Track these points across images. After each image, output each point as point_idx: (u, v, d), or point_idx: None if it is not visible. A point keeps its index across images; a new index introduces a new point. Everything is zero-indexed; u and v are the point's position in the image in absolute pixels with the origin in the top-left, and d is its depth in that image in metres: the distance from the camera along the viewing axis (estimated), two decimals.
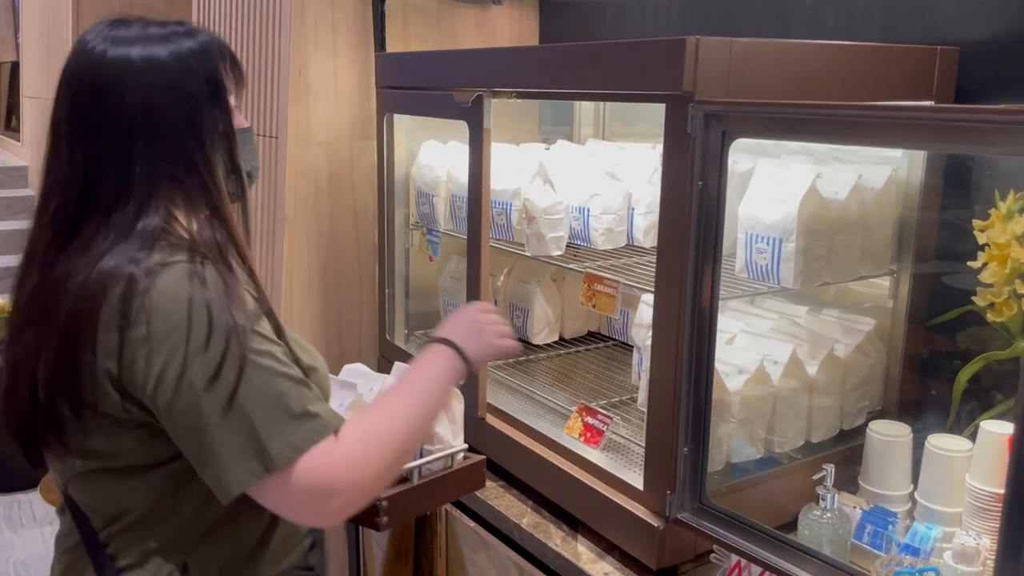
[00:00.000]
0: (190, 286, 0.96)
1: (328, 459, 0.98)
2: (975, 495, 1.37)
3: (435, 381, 1.16)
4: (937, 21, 1.59)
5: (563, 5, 2.49)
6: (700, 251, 1.24)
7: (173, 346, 0.94)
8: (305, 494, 0.97)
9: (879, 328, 1.65)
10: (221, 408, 0.94)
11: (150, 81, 1.00)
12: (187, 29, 1.05)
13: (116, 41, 1.01)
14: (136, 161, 0.99)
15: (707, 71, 1.22)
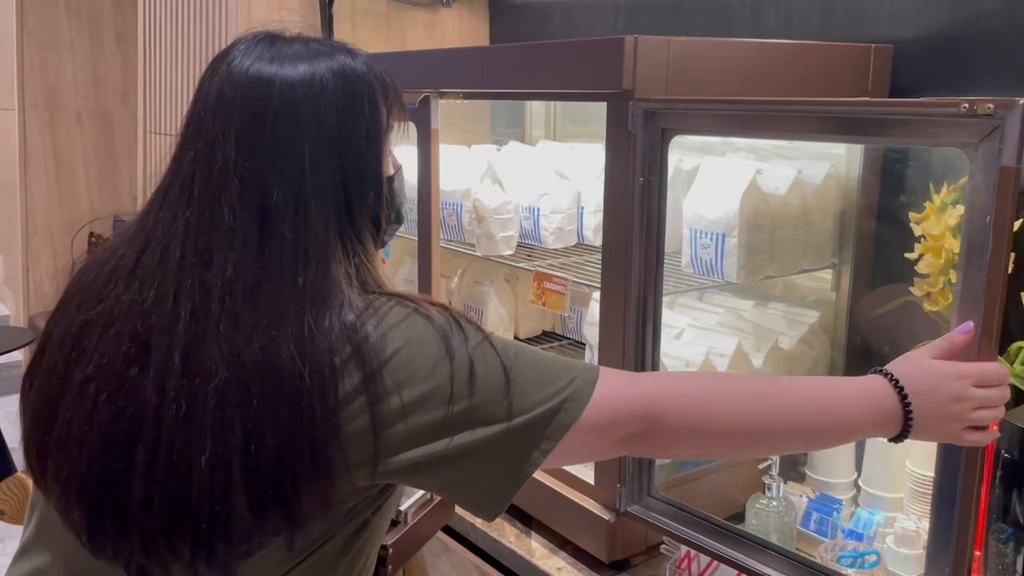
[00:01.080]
0: (428, 323, 0.83)
1: (620, 386, 0.87)
2: (915, 479, 1.41)
3: (850, 413, 0.93)
4: (872, 20, 1.64)
5: (512, 7, 2.51)
6: (643, 247, 1.26)
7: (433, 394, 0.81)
8: (612, 431, 0.86)
9: (823, 320, 1.69)
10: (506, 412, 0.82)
11: (322, 110, 0.84)
12: (352, 49, 0.92)
13: (274, 59, 0.86)
14: (312, 210, 0.82)
15: (646, 69, 1.24)
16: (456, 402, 0.81)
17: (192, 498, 0.78)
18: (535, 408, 0.83)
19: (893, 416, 0.93)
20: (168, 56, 2.51)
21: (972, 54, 1.50)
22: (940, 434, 0.97)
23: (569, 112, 2.24)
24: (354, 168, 0.84)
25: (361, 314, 0.81)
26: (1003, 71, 1.47)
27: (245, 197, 0.81)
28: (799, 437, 0.94)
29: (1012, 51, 1.45)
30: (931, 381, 0.95)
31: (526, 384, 0.83)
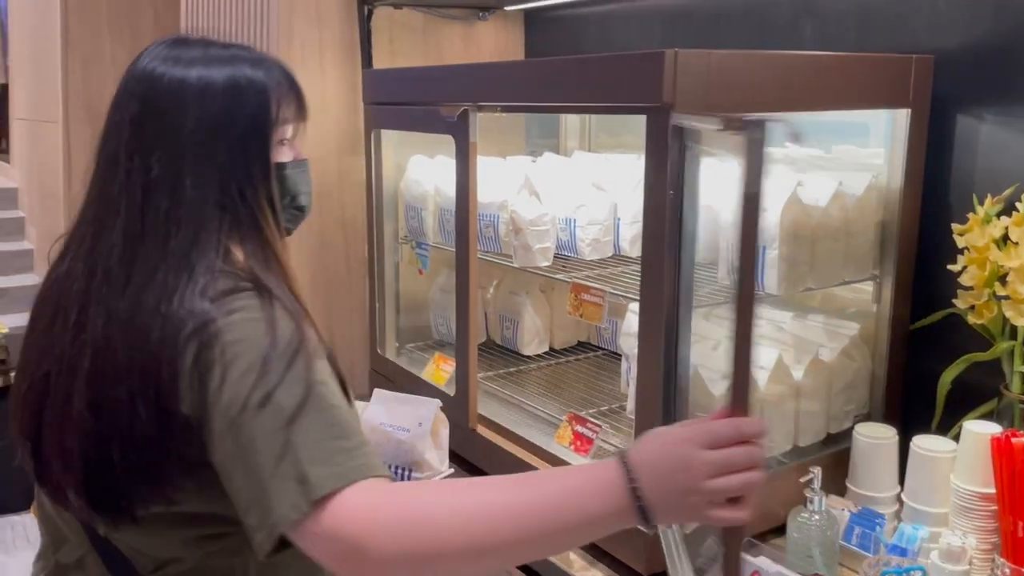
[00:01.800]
0: (262, 316, 0.90)
1: (368, 505, 0.82)
2: (960, 495, 1.39)
3: (572, 508, 0.83)
4: (910, 30, 1.62)
5: (548, 19, 2.52)
6: (674, 258, 1.26)
7: (242, 376, 0.87)
8: (329, 538, 0.82)
9: (864, 332, 1.67)
10: (274, 432, 0.85)
11: (207, 103, 0.96)
12: (253, 55, 1.02)
13: (177, 61, 0.98)
14: (187, 185, 0.94)
15: (686, 83, 1.24)
16: (246, 410, 0.86)
17: (78, 447, 0.90)
18: (311, 464, 0.83)
19: (627, 502, 0.82)
20: None
21: (1016, 63, 1.49)
22: (685, 514, 0.85)
23: (604, 123, 2.25)
24: (236, 153, 0.96)
25: (219, 296, 0.90)
26: None
27: (132, 172, 0.95)
28: (524, 547, 0.84)
29: None
30: (659, 451, 0.83)
31: (306, 443, 0.84)
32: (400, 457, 1.34)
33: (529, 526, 0.82)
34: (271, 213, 0.98)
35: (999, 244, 1.46)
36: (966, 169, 1.58)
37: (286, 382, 0.86)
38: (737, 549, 0.87)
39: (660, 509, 0.82)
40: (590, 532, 0.86)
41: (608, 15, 2.30)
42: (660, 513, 0.83)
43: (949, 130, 1.59)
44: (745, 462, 0.82)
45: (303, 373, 0.88)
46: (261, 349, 0.88)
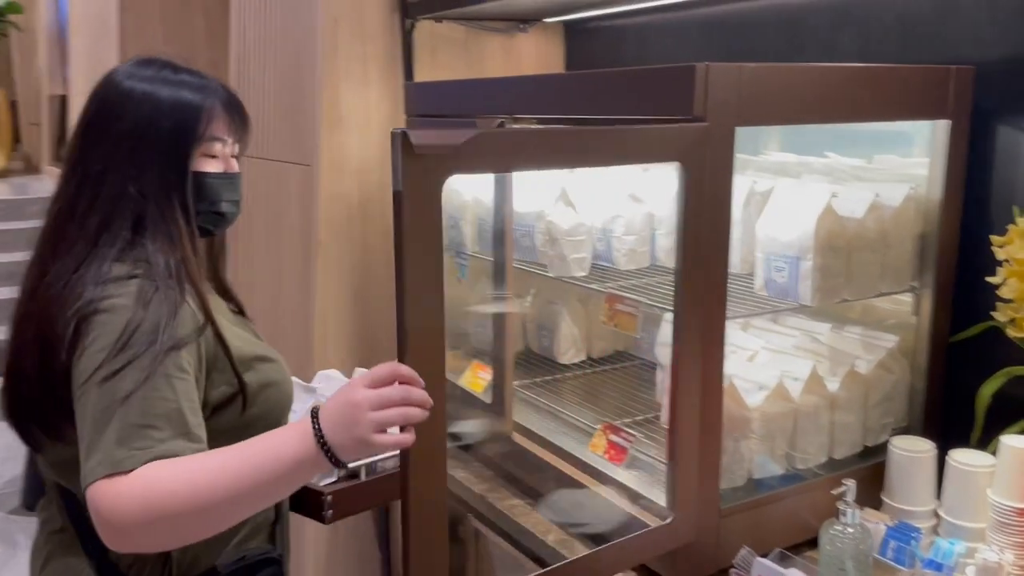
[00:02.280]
0: (135, 305, 1.08)
1: (111, 490, 0.98)
2: (998, 510, 1.37)
3: (271, 460, 1.01)
4: (952, 42, 1.61)
5: (587, 31, 2.54)
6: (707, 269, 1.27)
7: (97, 352, 1.06)
8: (93, 509, 1.00)
9: (903, 344, 1.66)
10: (104, 408, 1.02)
11: (142, 114, 1.16)
12: (198, 82, 1.21)
13: (133, 76, 1.19)
14: (109, 181, 1.15)
15: (718, 96, 1.26)
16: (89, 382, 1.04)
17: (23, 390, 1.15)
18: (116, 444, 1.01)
19: (314, 444, 1.01)
20: (257, 84, 2.63)
21: None
22: (357, 444, 1.00)
23: None
24: (155, 160, 1.16)
25: (107, 281, 1.10)
26: None
27: (75, 165, 1.18)
28: (242, 498, 1.01)
29: None
30: (335, 398, 1.03)
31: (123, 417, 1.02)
32: None
33: (241, 480, 1.00)
34: (182, 214, 1.17)
35: None
36: (1007, 180, 1.56)
37: (131, 367, 1.04)
38: (406, 469, 1.08)
39: (339, 445, 1.01)
40: (293, 478, 1.04)
41: (646, 26, 2.32)
42: (340, 448, 1.01)
43: (991, 141, 1.57)
44: (401, 398, 1.01)
45: (148, 363, 1.04)
46: (120, 334, 1.05)
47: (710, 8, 2.11)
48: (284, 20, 2.43)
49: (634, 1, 2.20)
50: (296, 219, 2.43)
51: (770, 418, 1.47)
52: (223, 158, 1.24)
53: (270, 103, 2.56)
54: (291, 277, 2.49)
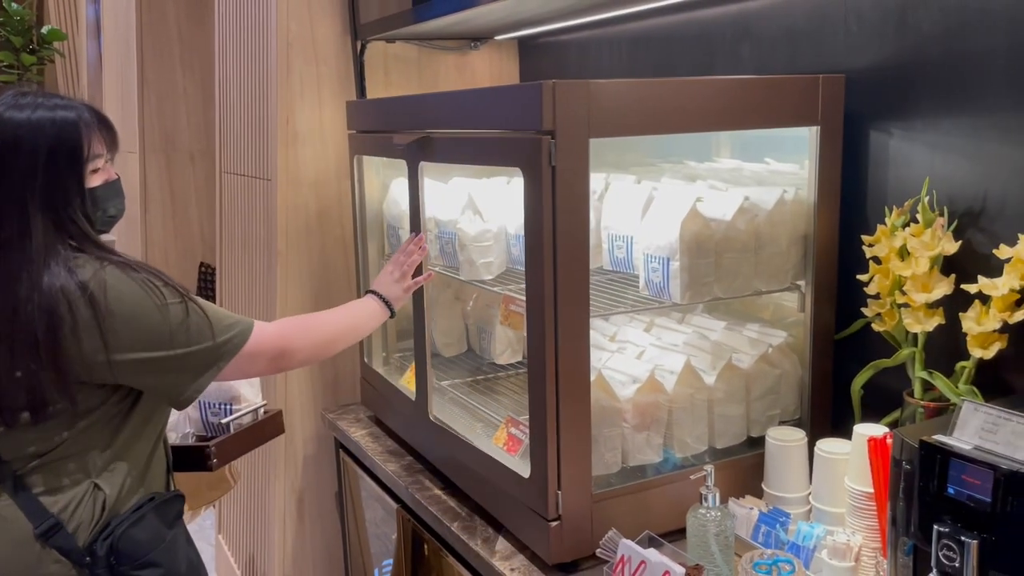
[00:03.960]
0: (125, 273, 1.36)
1: (265, 332, 1.51)
2: (852, 495, 1.45)
3: (359, 313, 1.78)
4: (829, 51, 1.69)
5: (538, 46, 2.66)
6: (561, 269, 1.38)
7: (143, 313, 1.36)
8: (258, 355, 1.49)
9: (792, 341, 1.74)
10: (185, 332, 1.39)
11: (34, 140, 1.35)
12: (66, 103, 1.40)
13: (15, 107, 1.37)
14: (27, 201, 1.35)
15: (567, 110, 1.37)
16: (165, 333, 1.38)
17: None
18: (215, 338, 1.43)
19: (377, 307, 1.80)
20: (233, 102, 2.80)
21: (916, 79, 1.54)
22: (401, 291, 1.83)
23: None
24: (57, 182, 1.36)
25: (82, 264, 1.33)
26: (943, 94, 1.50)
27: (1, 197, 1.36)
28: (352, 331, 1.75)
29: (950, 75, 1.48)
30: (382, 273, 1.86)
31: (205, 326, 1.42)
32: (220, 395, 1.79)
33: (351, 323, 1.75)
34: (89, 224, 1.40)
35: (901, 254, 1.52)
36: (880, 182, 1.64)
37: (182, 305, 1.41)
38: None
39: (393, 296, 1.82)
40: (371, 321, 1.80)
41: (586, 40, 2.43)
42: (394, 299, 1.82)
43: (863, 145, 1.65)
44: (407, 260, 1.86)
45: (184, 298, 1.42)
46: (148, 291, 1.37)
47: (637, 23, 2.22)
48: (250, 45, 2.60)
49: (570, 17, 2.32)
50: (261, 230, 2.58)
51: (642, 408, 1.56)
52: (103, 169, 1.45)
53: (242, 122, 2.73)
54: (258, 284, 2.65)
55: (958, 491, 1.08)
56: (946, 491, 1.10)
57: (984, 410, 1.10)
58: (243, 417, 1.80)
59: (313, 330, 1.61)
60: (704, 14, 1.99)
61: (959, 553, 1.06)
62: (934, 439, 1.12)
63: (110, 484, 1.43)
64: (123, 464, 1.46)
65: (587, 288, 1.44)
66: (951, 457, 1.09)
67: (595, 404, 1.50)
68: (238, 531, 3.04)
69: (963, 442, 1.10)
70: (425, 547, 1.93)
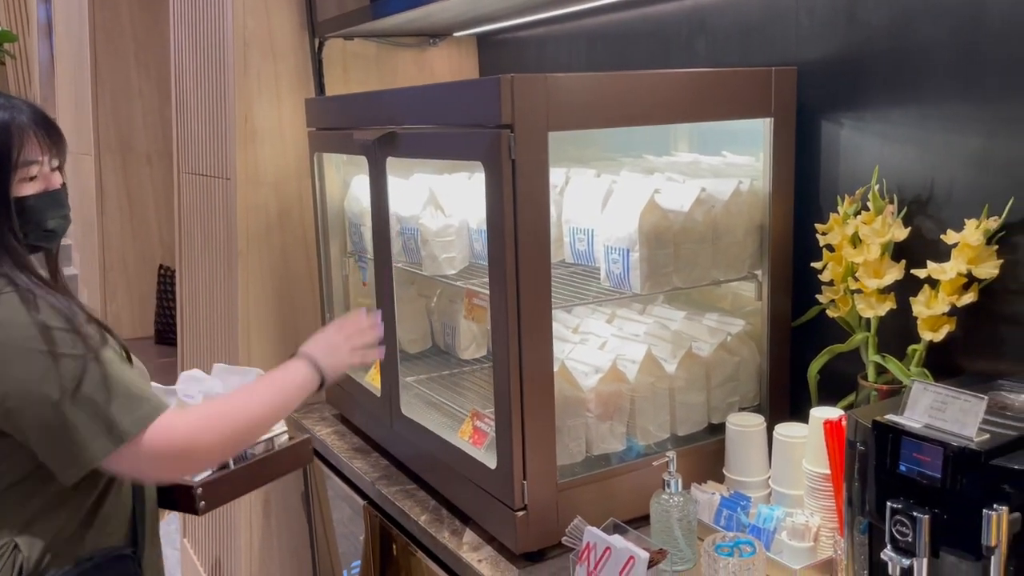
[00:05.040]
0: (26, 306, 1.20)
1: (173, 427, 1.26)
2: (810, 477, 1.49)
3: (285, 387, 1.44)
4: (781, 44, 1.73)
5: (497, 41, 2.67)
6: (523, 262, 1.40)
7: (22, 358, 1.18)
8: (155, 456, 1.24)
9: (751, 328, 1.77)
10: (71, 399, 1.18)
11: None
12: (2, 102, 1.27)
13: None
14: None
15: (525, 104, 1.38)
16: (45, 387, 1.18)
17: None
18: (107, 413, 1.21)
19: (309, 376, 1.47)
20: (190, 101, 2.78)
21: (865, 71, 1.58)
22: (342, 364, 1.52)
23: None
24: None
25: None
26: (892, 85, 1.54)
27: None
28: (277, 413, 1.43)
29: (898, 67, 1.52)
30: (319, 337, 1.54)
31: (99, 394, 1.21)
32: None
33: (273, 401, 1.41)
34: (15, 238, 1.26)
35: (853, 242, 1.56)
36: (832, 172, 1.68)
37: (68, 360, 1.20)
38: None
39: (329, 367, 1.49)
40: (298, 396, 1.46)
41: (545, 36, 2.44)
42: (330, 369, 1.49)
43: (815, 136, 1.69)
44: (361, 331, 1.58)
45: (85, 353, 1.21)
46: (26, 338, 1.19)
47: (595, 18, 2.24)
48: (207, 43, 2.58)
49: (527, 13, 2.33)
50: (221, 230, 2.56)
51: (605, 398, 1.58)
52: (42, 177, 1.32)
53: (200, 121, 2.70)
54: (218, 285, 2.63)
55: (910, 468, 1.11)
56: (898, 469, 1.13)
57: (933, 389, 1.14)
58: (255, 447, 1.59)
59: (229, 419, 1.33)
60: (660, 9, 2.01)
61: (912, 528, 1.10)
62: (886, 419, 1.16)
63: (30, 546, 1.26)
64: (47, 524, 1.28)
65: (548, 280, 1.46)
66: (902, 436, 1.12)
67: (559, 395, 1.51)
68: (203, 535, 3.02)
69: (914, 421, 1.13)
70: (393, 546, 1.93)
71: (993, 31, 1.38)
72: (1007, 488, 1.02)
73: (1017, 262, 1.38)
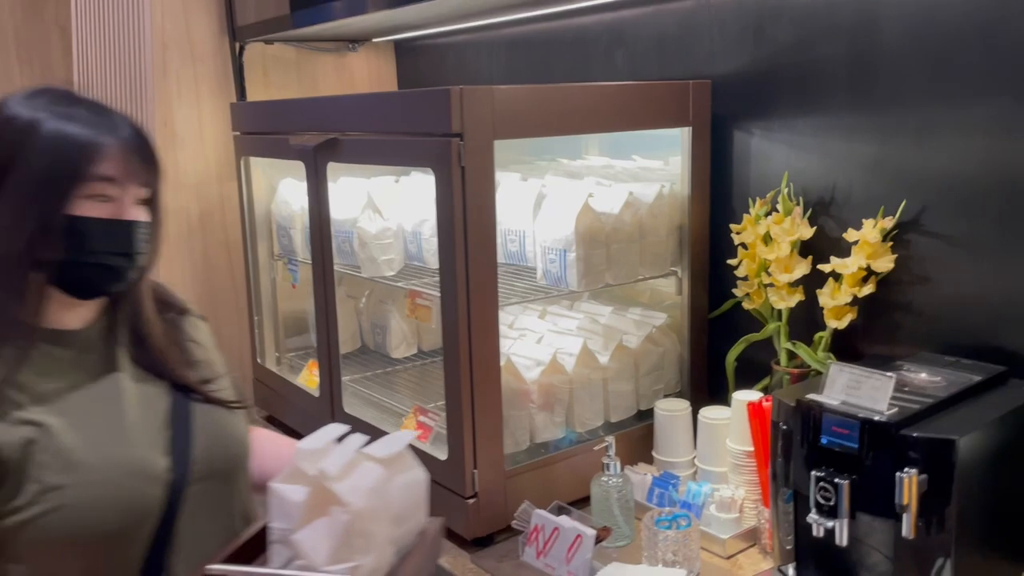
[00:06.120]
0: None
1: None
2: (733, 454, 1.63)
3: None
4: (697, 59, 1.87)
5: (415, 48, 2.74)
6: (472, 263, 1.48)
7: None
8: None
9: (672, 321, 1.92)
10: None
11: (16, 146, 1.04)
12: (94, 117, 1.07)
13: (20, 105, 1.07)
14: None
15: (473, 114, 1.46)
16: None
17: None
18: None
19: None
20: None
21: (772, 84, 1.74)
22: None
23: None
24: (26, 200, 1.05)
25: None
26: (796, 97, 1.70)
27: None
28: None
29: (802, 81, 1.69)
30: None
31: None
32: None
33: None
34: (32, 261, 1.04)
35: (765, 240, 1.72)
36: (744, 176, 1.83)
37: None
38: None
39: None
40: None
41: (464, 44, 2.53)
42: None
43: (728, 144, 1.84)
44: None
45: None
46: None
47: (515, 28, 2.34)
48: (119, 45, 2.53)
49: (447, 23, 2.41)
50: None
51: (547, 389, 1.69)
52: (115, 203, 1.07)
53: None
54: None
55: (830, 441, 1.26)
56: (820, 442, 1.28)
57: (848, 370, 1.29)
58: None
59: None
60: (580, 21, 2.13)
61: (834, 493, 1.25)
62: (809, 397, 1.30)
63: None
64: None
65: (495, 279, 1.55)
66: (824, 412, 1.27)
67: (505, 387, 1.60)
68: None
69: (832, 398, 1.28)
70: None
71: (883, 50, 1.55)
72: (914, 454, 1.18)
73: (910, 257, 1.56)
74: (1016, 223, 1.42)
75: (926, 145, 1.52)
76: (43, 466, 1.00)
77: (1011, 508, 1.30)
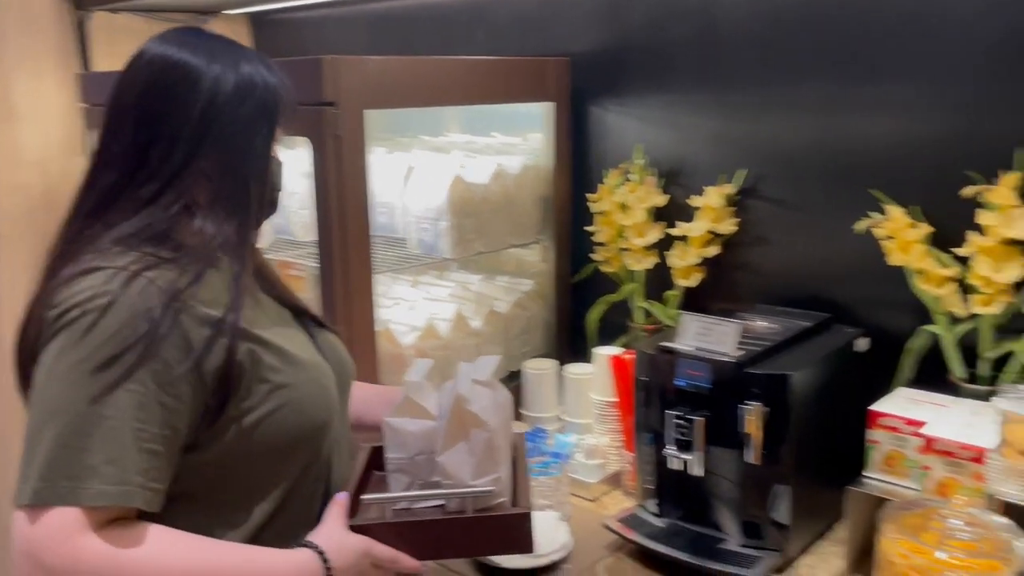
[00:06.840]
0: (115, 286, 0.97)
1: (72, 542, 0.89)
2: (596, 405, 1.76)
3: None
4: (556, 37, 1.98)
5: (272, 21, 2.70)
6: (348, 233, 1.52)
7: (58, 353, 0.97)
8: (22, 552, 0.89)
9: (538, 287, 2.02)
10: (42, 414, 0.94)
11: (218, 91, 1.04)
12: (265, 61, 1.11)
13: (196, 48, 1.07)
14: (179, 151, 1.03)
15: (344, 83, 1.50)
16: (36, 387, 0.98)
17: None
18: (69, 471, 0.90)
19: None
20: None
21: (627, 62, 1.87)
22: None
23: None
24: (245, 139, 1.09)
25: (74, 279, 1.01)
26: (648, 75, 1.84)
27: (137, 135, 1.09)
28: None
29: (653, 60, 1.83)
30: (349, 558, 1.03)
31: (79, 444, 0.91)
32: None
33: None
34: (255, 202, 1.07)
35: (622, 208, 1.85)
36: (601, 149, 1.96)
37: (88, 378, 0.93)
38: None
39: None
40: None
41: (324, 18, 2.52)
42: None
43: (587, 118, 1.96)
44: None
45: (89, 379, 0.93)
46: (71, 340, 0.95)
47: (376, 4, 2.36)
48: None
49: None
50: None
51: (423, 353, 1.75)
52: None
53: None
54: None
55: (687, 383, 1.40)
56: (676, 383, 1.41)
57: (698, 319, 1.43)
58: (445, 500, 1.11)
59: None
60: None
61: (689, 429, 1.38)
62: (663, 344, 1.43)
63: None
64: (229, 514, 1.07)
65: (369, 248, 1.59)
66: (679, 356, 1.40)
67: (383, 353, 1.65)
68: None
69: (686, 345, 1.42)
70: None
71: (723, 33, 1.71)
72: (756, 390, 1.33)
73: (749, 220, 1.73)
74: (839, 191, 1.61)
75: (763, 120, 1.69)
76: (270, 368, 1.05)
77: (837, 436, 1.48)
